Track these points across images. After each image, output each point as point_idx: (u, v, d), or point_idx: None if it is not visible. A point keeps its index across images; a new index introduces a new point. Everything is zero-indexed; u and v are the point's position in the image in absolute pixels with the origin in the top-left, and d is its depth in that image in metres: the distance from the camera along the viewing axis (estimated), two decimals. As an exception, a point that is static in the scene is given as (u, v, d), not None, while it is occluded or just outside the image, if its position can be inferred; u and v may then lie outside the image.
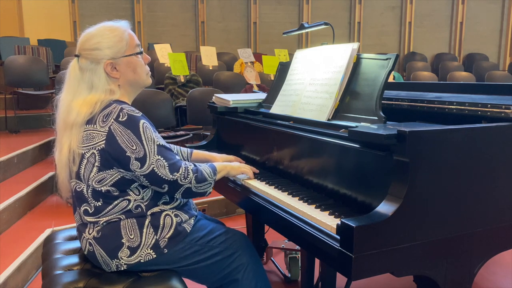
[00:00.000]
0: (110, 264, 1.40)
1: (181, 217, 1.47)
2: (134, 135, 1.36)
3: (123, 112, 1.37)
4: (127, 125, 1.36)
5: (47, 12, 7.32)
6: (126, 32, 1.48)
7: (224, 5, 8.20)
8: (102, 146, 1.36)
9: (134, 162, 1.35)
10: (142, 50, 1.54)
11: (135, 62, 1.49)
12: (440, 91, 1.89)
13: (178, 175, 1.40)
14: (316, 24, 2.10)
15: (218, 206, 3.42)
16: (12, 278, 2.16)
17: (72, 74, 1.46)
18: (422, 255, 1.16)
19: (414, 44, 9.04)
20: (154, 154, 1.37)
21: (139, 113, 1.41)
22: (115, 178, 1.38)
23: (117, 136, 1.35)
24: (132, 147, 1.35)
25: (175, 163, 1.40)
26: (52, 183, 3.55)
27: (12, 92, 5.42)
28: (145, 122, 1.39)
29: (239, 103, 2.15)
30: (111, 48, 1.43)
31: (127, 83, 1.49)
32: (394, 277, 1.16)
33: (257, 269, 1.54)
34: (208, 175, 1.48)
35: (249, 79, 5.02)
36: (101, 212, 1.40)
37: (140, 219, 1.41)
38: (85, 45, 1.44)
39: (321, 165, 1.47)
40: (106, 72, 1.43)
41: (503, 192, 1.29)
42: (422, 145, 1.13)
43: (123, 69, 1.46)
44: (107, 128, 1.36)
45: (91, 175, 1.38)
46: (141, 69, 1.51)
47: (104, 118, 1.37)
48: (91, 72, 1.43)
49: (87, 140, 1.38)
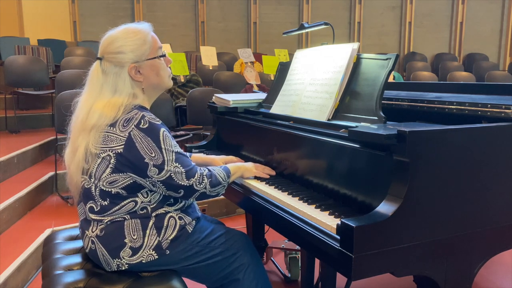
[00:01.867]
0: (111, 263, 1.40)
1: (185, 220, 1.47)
2: (154, 143, 1.36)
3: (144, 120, 1.37)
4: (148, 133, 1.36)
5: (47, 12, 7.31)
6: (149, 35, 1.46)
7: (224, 5, 8.20)
8: (120, 150, 1.36)
9: (152, 168, 1.36)
10: (165, 52, 1.52)
11: (158, 65, 1.48)
12: (440, 91, 1.89)
13: (193, 180, 1.41)
14: (316, 24, 2.10)
15: (218, 206, 3.42)
16: (12, 278, 2.16)
17: (95, 77, 1.44)
18: (422, 255, 1.16)
19: (414, 44, 9.04)
20: (172, 161, 1.38)
21: (159, 121, 1.41)
22: (127, 182, 1.38)
23: (137, 143, 1.35)
24: (151, 154, 1.35)
25: (191, 169, 1.42)
26: (52, 183, 3.55)
27: (12, 92, 5.41)
28: (165, 131, 1.40)
29: (239, 103, 2.15)
30: (134, 52, 1.42)
31: (150, 86, 1.48)
32: (394, 277, 1.16)
33: (257, 269, 1.54)
34: (222, 178, 1.50)
35: (249, 79, 5.03)
36: (106, 212, 1.40)
37: (144, 220, 1.41)
38: (109, 48, 1.43)
39: (321, 165, 1.47)
40: (130, 76, 1.43)
41: (503, 192, 1.29)
42: (422, 145, 1.13)
43: (147, 72, 1.45)
44: (127, 133, 1.36)
45: (103, 175, 1.38)
46: (164, 72, 1.50)
47: (124, 123, 1.37)
48: (116, 76, 1.42)
49: (104, 142, 1.37)
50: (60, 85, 4.31)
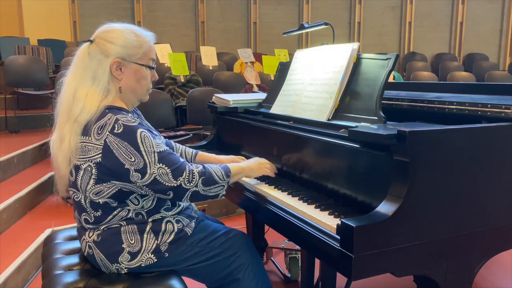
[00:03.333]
0: (110, 267, 1.40)
1: (183, 222, 1.46)
2: (132, 146, 1.30)
3: (118, 124, 1.31)
4: (123, 137, 1.30)
5: (47, 12, 7.31)
6: (148, 43, 1.45)
7: (224, 5, 8.20)
8: (99, 159, 1.31)
9: (134, 173, 1.31)
10: (155, 67, 1.50)
11: (143, 73, 1.45)
12: (440, 91, 1.89)
13: (182, 180, 1.34)
14: (316, 24, 2.10)
15: (218, 206, 3.42)
16: (12, 278, 2.16)
17: (80, 58, 1.41)
18: (422, 255, 1.16)
19: (414, 44, 9.04)
20: (155, 163, 1.32)
21: (135, 122, 1.34)
22: (112, 191, 1.35)
23: (114, 149, 1.30)
24: (131, 159, 1.30)
25: (178, 168, 1.35)
26: (52, 183, 3.53)
27: (12, 92, 5.41)
28: (143, 131, 1.33)
29: (239, 103, 2.15)
30: (125, 48, 1.40)
31: (127, 89, 1.44)
32: (394, 277, 1.16)
33: (258, 269, 1.54)
34: (219, 177, 1.42)
35: (249, 79, 5.02)
36: (101, 222, 1.39)
37: (141, 225, 1.40)
38: (103, 34, 1.41)
39: (321, 165, 1.47)
40: (110, 69, 1.39)
41: (503, 192, 1.29)
42: (422, 145, 1.13)
43: (128, 74, 1.42)
44: (102, 141, 1.31)
45: (88, 187, 1.35)
46: (145, 82, 1.47)
47: (99, 130, 1.32)
48: (98, 62, 1.38)
49: (83, 153, 1.34)
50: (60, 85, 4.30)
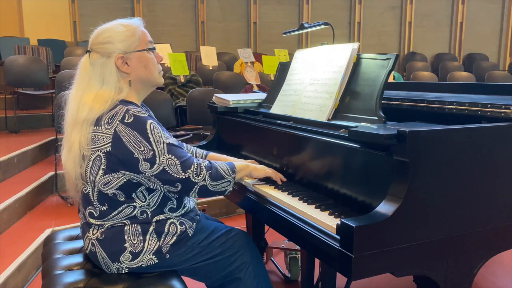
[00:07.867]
0: (111, 266, 1.40)
1: (186, 225, 1.46)
2: (142, 136, 1.32)
3: (129, 114, 1.34)
4: (133, 127, 1.32)
5: (47, 12, 7.31)
6: (138, 28, 1.45)
7: (224, 5, 8.20)
8: (108, 149, 1.33)
9: (143, 163, 1.32)
10: (155, 47, 1.51)
11: (146, 57, 1.46)
12: (440, 91, 1.89)
13: (190, 172, 1.35)
14: (316, 24, 2.10)
15: (218, 206, 3.42)
16: (12, 278, 2.16)
17: (83, 70, 1.43)
18: (422, 255, 1.16)
19: (414, 44, 9.04)
20: (164, 153, 1.33)
21: (145, 114, 1.37)
22: (121, 181, 1.36)
23: (124, 138, 1.32)
24: (140, 149, 1.32)
25: (186, 160, 1.36)
26: (52, 183, 3.55)
27: (12, 92, 5.41)
28: (153, 122, 1.36)
29: (239, 103, 2.15)
30: (123, 42, 1.41)
31: (138, 79, 1.45)
32: (394, 277, 1.16)
33: (258, 268, 1.54)
34: (225, 172, 1.43)
35: (249, 79, 5.03)
36: (106, 217, 1.40)
37: (145, 225, 1.40)
38: (97, 39, 1.42)
39: (321, 165, 1.47)
40: (116, 66, 1.40)
41: (503, 192, 1.29)
42: (422, 145, 1.13)
43: (134, 64, 1.43)
44: (112, 130, 1.33)
45: (97, 177, 1.36)
46: (153, 66, 1.47)
47: (109, 120, 1.34)
48: (102, 66, 1.39)
49: (93, 142, 1.35)
50: (60, 85, 4.30)
